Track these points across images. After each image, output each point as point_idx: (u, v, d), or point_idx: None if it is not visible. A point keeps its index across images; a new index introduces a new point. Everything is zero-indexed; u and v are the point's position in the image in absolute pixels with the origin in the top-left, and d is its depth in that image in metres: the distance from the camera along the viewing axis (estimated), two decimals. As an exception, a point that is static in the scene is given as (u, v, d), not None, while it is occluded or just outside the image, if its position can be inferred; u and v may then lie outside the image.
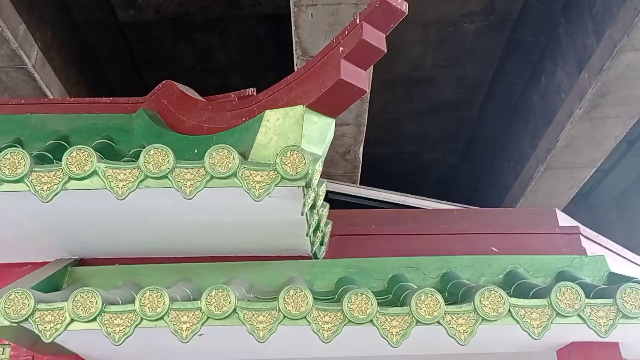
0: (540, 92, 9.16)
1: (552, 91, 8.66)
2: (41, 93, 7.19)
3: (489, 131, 11.16)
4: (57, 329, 2.61)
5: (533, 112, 9.41)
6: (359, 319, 2.66)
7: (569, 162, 8.87)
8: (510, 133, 10.46)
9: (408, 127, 11.08)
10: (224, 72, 10.00)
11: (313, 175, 2.73)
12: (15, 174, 2.63)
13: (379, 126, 10.11)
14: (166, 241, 3.40)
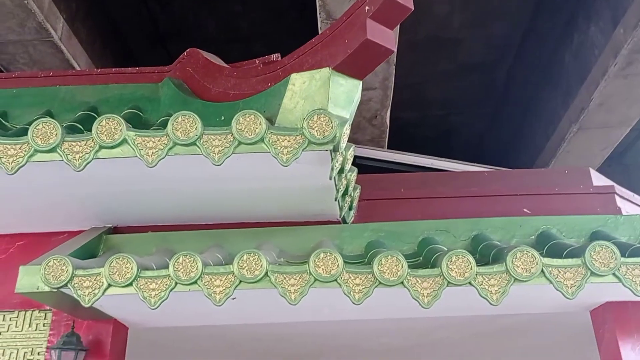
0: (572, 50, 8.87)
1: (585, 48, 8.38)
2: (68, 65, 7.26)
3: (518, 93, 10.90)
4: (95, 294, 2.68)
5: (565, 71, 9.14)
6: (389, 281, 2.67)
7: (603, 121, 8.62)
8: (541, 94, 10.19)
9: (435, 90, 10.89)
10: (247, 40, 9.92)
11: (340, 139, 2.70)
12: (48, 144, 2.67)
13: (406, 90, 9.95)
14: (197, 208, 3.43)
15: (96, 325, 3.29)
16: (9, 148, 2.70)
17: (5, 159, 2.68)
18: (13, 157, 2.68)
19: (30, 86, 3.82)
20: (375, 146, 7.54)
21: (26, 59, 7.22)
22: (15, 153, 2.69)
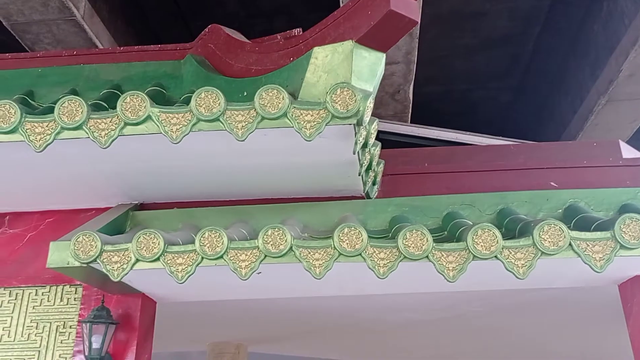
0: (601, 20, 8.62)
1: (614, 18, 8.13)
2: (91, 44, 7.30)
3: (544, 65, 10.66)
4: (124, 269, 2.73)
5: (594, 41, 8.89)
6: (414, 255, 2.66)
7: (633, 92, 8.39)
8: (568, 66, 9.95)
9: (458, 64, 10.71)
10: (268, 16, 9.85)
11: (364, 113, 2.68)
12: (74, 121, 2.71)
13: (429, 64, 9.82)
14: (221, 184, 3.45)
15: (125, 299, 3.36)
16: (37, 126, 2.74)
17: (33, 137, 2.72)
18: (40, 135, 2.72)
19: (55, 65, 3.86)
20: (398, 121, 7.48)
21: (50, 39, 7.28)
22: (43, 131, 2.73)
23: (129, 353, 3.24)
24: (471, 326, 5.12)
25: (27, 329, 3.39)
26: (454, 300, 4.00)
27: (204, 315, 4.63)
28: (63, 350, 3.32)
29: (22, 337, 3.38)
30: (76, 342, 3.30)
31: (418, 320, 4.93)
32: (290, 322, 4.97)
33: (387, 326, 5.25)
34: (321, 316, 4.69)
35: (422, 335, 5.73)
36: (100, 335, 3.08)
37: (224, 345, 6.13)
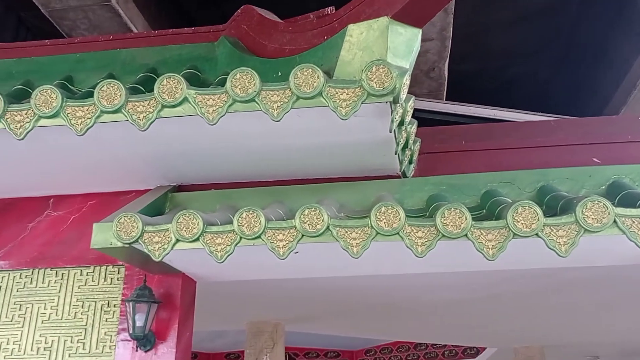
0: (647, -12, 8.26)
1: (661, -14, 7.78)
2: (126, 29, 7.39)
3: (586, 38, 10.30)
4: (165, 249, 2.79)
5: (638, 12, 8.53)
6: (453, 234, 2.63)
7: (680, 65, 8.06)
8: (612, 37, 9.58)
9: (495, 39, 10.42)
10: (300, -5, 9.77)
11: (400, 90, 2.64)
12: (113, 104, 2.75)
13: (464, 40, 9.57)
14: (257, 165, 3.47)
15: (166, 279, 3.44)
16: (77, 110, 2.79)
17: (74, 121, 2.78)
18: (81, 119, 2.78)
19: (92, 50, 3.92)
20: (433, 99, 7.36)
21: (86, 24, 7.40)
22: (83, 115, 2.78)
23: (171, 331, 3.32)
24: (512, 306, 5.07)
25: (74, 308, 3.51)
26: (492, 279, 3.95)
27: (242, 294, 4.70)
28: (108, 328, 3.42)
29: (69, 315, 3.50)
30: (120, 321, 3.40)
31: (455, 300, 4.90)
32: (327, 301, 5.01)
33: (423, 306, 5.24)
34: (358, 295, 4.71)
35: (459, 315, 5.69)
36: (143, 313, 3.16)
37: (262, 324, 6.22)
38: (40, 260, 3.64)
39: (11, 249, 3.71)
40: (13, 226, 3.77)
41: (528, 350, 8.09)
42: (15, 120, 2.82)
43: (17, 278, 3.65)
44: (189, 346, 3.47)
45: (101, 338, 3.40)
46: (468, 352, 10.45)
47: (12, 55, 3.97)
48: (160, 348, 3.29)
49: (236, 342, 10.91)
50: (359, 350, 12.40)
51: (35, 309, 3.55)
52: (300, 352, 12.12)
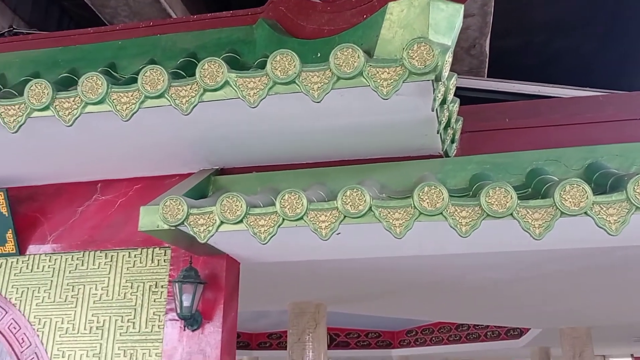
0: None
1: None
2: (166, 14, 7.47)
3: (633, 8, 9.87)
4: (210, 231, 2.84)
5: (691, -21, 8.12)
6: (498, 213, 2.59)
7: None
8: (660, 8, 9.16)
9: (538, 13, 10.10)
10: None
11: (443, 68, 2.59)
12: (156, 89, 2.79)
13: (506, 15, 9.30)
14: (298, 147, 3.48)
15: (211, 260, 3.50)
16: (122, 96, 2.85)
17: (119, 107, 2.84)
18: (126, 105, 2.84)
19: (134, 37, 3.98)
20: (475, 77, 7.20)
21: (127, 12, 7.52)
22: (128, 100, 2.84)
23: (217, 311, 3.39)
24: (557, 287, 4.98)
25: (123, 289, 3.62)
26: (538, 259, 3.88)
27: (284, 275, 4.76)
28: (157, 308, 3.52)
29: (119, 296, 3.62)
30: (168, 301, 3.50)
31: (499, 280, 4.84)
32: (369, 282, 5.02)
33: (466, 286, 5.20)
34: (400, 276, 4.70)
35: (503, 295, 5.63)
36: (190, 294, 3.24)
37: (304, 305, 6.29)
38: (90, 243, 3.76)
39: (62, 232, 3.85)
40: (64, 210, 3.90)
41: (574, 331, 7.96)
42: (63, 107, 2.90)
43: (69, 260, 3.78)
44: (234, 326, 3.54)
45: (150, 318, 3.51)
46: (511, 333, 10.36)
47: (58, 44, 4.07)
48: (207, 327, 3.37)
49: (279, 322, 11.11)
50: (400, 331, 12.44)
51: (87, 290, 3.68)
52: (342, 332, 12.24)
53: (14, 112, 2.94)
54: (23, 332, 3.66)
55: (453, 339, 11.28)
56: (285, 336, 11.48)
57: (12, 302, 3.76)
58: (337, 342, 12.12)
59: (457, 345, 11.18)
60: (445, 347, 11.36)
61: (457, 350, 11.29)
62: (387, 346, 12.35)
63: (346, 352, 12.18)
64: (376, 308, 7.31)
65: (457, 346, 11.18)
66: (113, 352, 3.48)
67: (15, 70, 3.92)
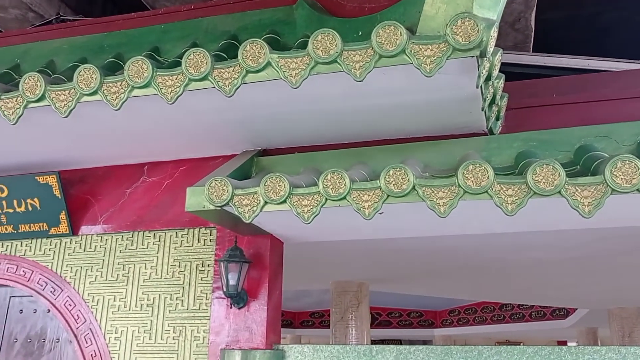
0: None
1: None
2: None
3: (690, -25, 9.36)
4: (254, 211, 2.88)
5: None
6: (545, 191, 2.53)
7: None
8: None
9: (586, -16, 9.70)
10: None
11: (488, 43, 2.53)
12: (200, 72, 2.83)
13: (552, -13, 8.98)
14: (340, 127, 3.48)
15: (255, 240, 3.56)
16: (167, 79, 2.90)
17: (164, 90, 2.89)
18: (171, 88, 2.89)
19: (176, 21, 4.03)
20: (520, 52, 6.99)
21: (168, -5, 7.59)
22: (173, 83, 2.89)
23: (262, 289, 3.45)
24: (605, 266, 4.85)
25: (171, 268, 3.73)
26: (586, 238, 3.79)
27: (327, 255, 4.80)
28: (203, 286, 3.61)
29: (168, 274, 3.73)
30: (214, 279, 3.58)
31: (545, 260, 4.76)
32: (412, 261, 5.01)
33: (511, 266, 5.13)
34: (443, 255, 4.68)
35: (549, 275, 5.53)
36: (236, 273, 3.31)
37: (346, 284, 6.35)
38: (138, 223, 3.88)
39: (112, 213, 3.98)
40: (113, 192, 4.03)
41: (623, 311, 7.78)
42: (111, 92, 2.97)
43: (119, 240, 3.91)
44: (279, 304, 3.61)
45: (197, 296, 3.61)
46: (557, 313, 10.19)
47: (103, 29, 4.17)
48: (253, 305, 3.44)
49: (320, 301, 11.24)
50: (442, 311, 12.40)
51: (137, 269, 3.81)
52: (383, 311, 12.29)
53: (64, 97, 3.04)
54: (78, 309, 3.82)
55: (497, 319, 11.17)
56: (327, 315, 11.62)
57: (67, 280, 3.92)
58: (379, 321, 12.19)
59: (500, 325, 11.07)
60: (489, 327, 11.28)
61: (501, 330, 11.20)
62: (429, 326, 12.35)
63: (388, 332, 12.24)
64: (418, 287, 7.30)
65: (500, 326, 11.08)
66: (163, 328, 3.61)
67: (63, 56, 4.04)
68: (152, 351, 3.59)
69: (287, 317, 12.37)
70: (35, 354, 3.96)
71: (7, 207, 4.01)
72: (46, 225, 4.01)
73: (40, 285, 3.96)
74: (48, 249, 4.05)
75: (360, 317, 6.31)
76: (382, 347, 3.27)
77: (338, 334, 6.30)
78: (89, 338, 3.73)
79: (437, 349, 3.21)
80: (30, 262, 4.05)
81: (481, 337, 12.17)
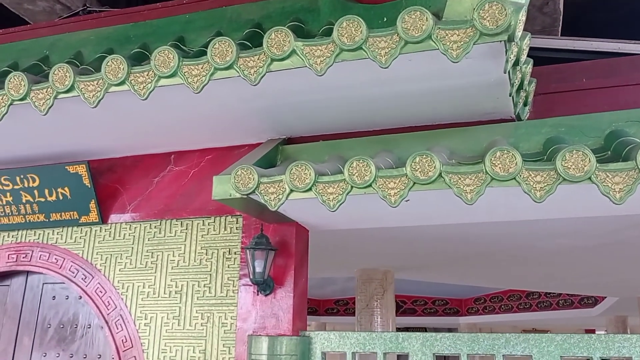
0: None
1: None
2: (230, -13, 7.50)
3: None
4: (280, 199, 2.90)
5: None
6: (575, 177, 2.49)
7: None
8: None
9: (617, -36, 9.44)
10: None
11: (516, 27, 2.49)
12: (225, 61, 2.84)
13: (581, -32, 8.76)
14: (365, 114, 3.47)
15: (281, 228, 3.58)
16: (193, 68, 2.92)
17: (190, 79, 2.91)
18: (197, 77, 2.91)
19: (200, 10, 4.05)
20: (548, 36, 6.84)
21: (191, -14, 7.61)
22: (198, 73, 2.91)
23: (288, 277, 3.48)
24: (635, 253, 4.77)
25: (199, 255, 3.78)
26: (616, 225, 3.72)
27: (352, 243, 4.81)
28: (230, 273, 3.66)
29: (195, 262, 3.78)
30: (241, 267, 3.62)
31: (574, 247, 4.69)
32: (437, 249, 5.00)
33: (538, 253, 5.07)
34: (469, 243, 4.65)
35: (578, 263, 5.46)
36: (262, 260, 3.34)
37: (372, 272, 6.36)
38: (166, 212, 3.93)
39: (140, 202, 4.04)
40: (141, 181, 4.09)
41: (654, 300, 7.63)
42: (138, 82, 3.01)
43: (147, 228, 3.98)
44: (305, 291, 3.63)
45: (224, 283, 3.65)
46: (585, 301, 10.06)
47: (129, 20, 4.21)
48: (279, 292, 3.47)
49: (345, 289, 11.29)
50: (468, 299, 12.35)
51: (165, 257, 3.87)
52: (408, 299, 12.28)
53: (92, 87, 3.08)
54: (109, 296, 3.90)
55: (523, 307, 11.09)
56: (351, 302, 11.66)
57: (98, 267, 4.01)
58: (404, 309, 12.19)
59: (527, 314, 10.99)
60: (515, 315, 11.20)
61: (528, 318, 11.11)
62: (454, 314, 12.31)
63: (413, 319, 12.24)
64: (444, 275, 7.28)
65: (527, 314, 11.00)
66: (191, 315, 3.67)
67: (90, 47, 4.10)
68: (181, 337, 3.65)
69: (312, 304, 12.46)
70: (68, 339, 4.07)
71: (39, 196, 4.10)
72: (76, 214, 4.09)
73: (72, 272, 4.05)
74: (79, 237, 4.14)
75: (386, 305, 6.32)
76: (408, 334, 3.28)
77: (363, 322, 6.33)
78: (119, 324, 3.81)
79: (463, 336, 3.20)
80: (61, 250, 4.14)
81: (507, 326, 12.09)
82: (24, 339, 4.18)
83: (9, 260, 4.27)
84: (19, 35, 4.50)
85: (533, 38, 4.17)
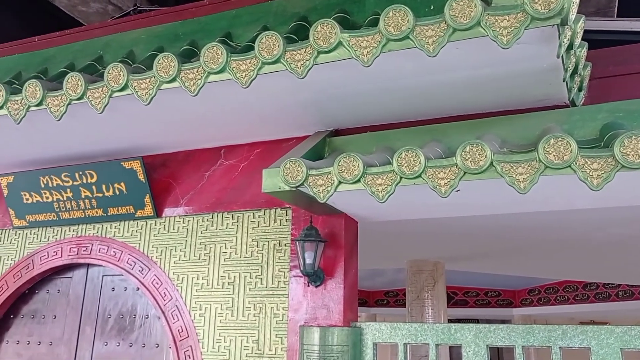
0: None
1: None
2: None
3: None
4: (329, 191, 2.91)
5: None
6: (634, 164, 2.40)
7: None
8: None
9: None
10: None
11: (569, 10, 2.41)
12: (272, 55, 2.87)
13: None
14: (412, 105, 3.43)
15: (330, 219, 3.60)
16: (241, 64, 2.96)
17: (239, 74, 2.96)
18: (245, 72, 2.95)
19: (247, 5, 4.09)
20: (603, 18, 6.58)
21: (237, -19, 7.69)
22: (246, 67, 2.94)
23: (338, 268, 3.50)
24: (701, 242, 4.56)
25: (250, 247, 3.85)
26: (680, 213, 3.56)
27: (402, 234, 4.78)
28: (281, 265, 3.71)
29: (247, 254, 3.85)
30: (291, 258, 3.67)
31: (632, 237, 4.52)
32: (489, 239, 4.91)
33: (594, 243, 4.91)
34: (521, 233, 4.54)
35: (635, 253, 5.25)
36: (312, 252, 3.37)
37: (422, 263, 6.31)
38: (218, 205, 4.02)
39: (193, 195, 4.14)
40: (193, 175, 4.19)
41: None
42: (188, 78, 3.07)
43: (200, 221, 4.08)
44: (355, 282, 3.64)
45: (276, 274, 3.71)
46: (646, 292, 9.66)
47: (177, 18, 4.30)
48: (329, 283, 3.49)
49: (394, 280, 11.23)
50: (521, 290, 12.07)
51: (217, 249, 3.96)
52: (460, 291, 12.12)
53: (145, 85, 3.17)
54: (165, 287, 4.03)
55: (580, 299, 10.76)
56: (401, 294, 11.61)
57: (154, 260, 4.14)
58: (455, 300, 12.04)
59: (584, 305, 10.65)
60: (571, 307, 10.87)
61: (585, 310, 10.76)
62: (507, 305, 12.06)
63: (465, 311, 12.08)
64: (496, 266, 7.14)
65: (584, 306, 10.65)
66: (244, 305, 3.74)
67: (141, 45, 4.22)
68: (235, 327, 3.73)
69: (361, 296, 12.47)
70: (128, 329, 4.22)
71: (97, 192, 4.27)
72: (132, 208, 4.24)
73: (129, 264, 4.20)
74: (135, 230, 4.29)
75: (437, 296, 6.27)
76: (461, 325, 3.24)
77: (414, 313, 6.29)
78: (175, 314, 3.93)
79: (518, 327, 3.14)
80: (119, 243, 4.30)
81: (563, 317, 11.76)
82: (86, 329, 4.37)
83: (70, 254, 4.47)
84: (74, 37, 4.67)
85: (587, 20, 4.03)
